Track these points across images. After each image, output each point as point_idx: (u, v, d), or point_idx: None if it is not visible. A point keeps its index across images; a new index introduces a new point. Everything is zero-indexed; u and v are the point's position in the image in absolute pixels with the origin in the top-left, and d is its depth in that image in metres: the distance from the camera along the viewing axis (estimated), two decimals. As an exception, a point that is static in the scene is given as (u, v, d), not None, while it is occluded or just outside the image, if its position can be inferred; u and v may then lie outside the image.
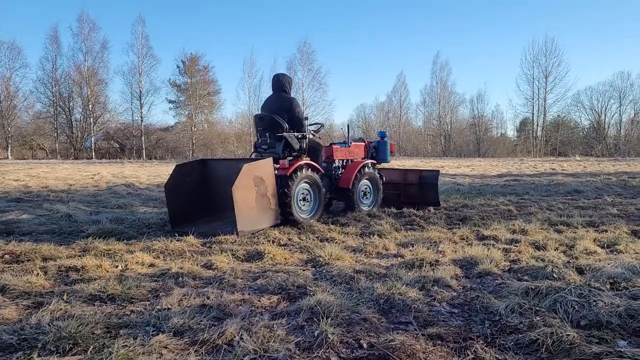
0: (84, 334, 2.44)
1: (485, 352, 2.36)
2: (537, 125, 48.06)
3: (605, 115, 48.66)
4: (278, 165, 6.07)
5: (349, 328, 2.62)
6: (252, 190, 5.45)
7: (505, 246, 4.81)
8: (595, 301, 2.86)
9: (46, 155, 41.00)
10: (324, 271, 3.91)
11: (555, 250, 4.61)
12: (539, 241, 4.98)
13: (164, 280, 3.57)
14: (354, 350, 2.39)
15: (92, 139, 41.69)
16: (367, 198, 7.49)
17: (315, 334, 2.51)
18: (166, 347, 2.37)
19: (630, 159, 34.54)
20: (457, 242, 5.08)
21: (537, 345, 2.39)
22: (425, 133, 53.03)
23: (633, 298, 2.99)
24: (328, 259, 4.23)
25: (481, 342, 2.49)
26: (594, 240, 5.03)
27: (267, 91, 56.44)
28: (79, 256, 4.29)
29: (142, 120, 42.72)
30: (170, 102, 46.65)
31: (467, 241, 5.18)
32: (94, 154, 40.55)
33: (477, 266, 3.96)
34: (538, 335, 2.44)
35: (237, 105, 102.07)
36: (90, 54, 41.81)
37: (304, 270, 3.98)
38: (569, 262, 4.08)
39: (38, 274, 3.63)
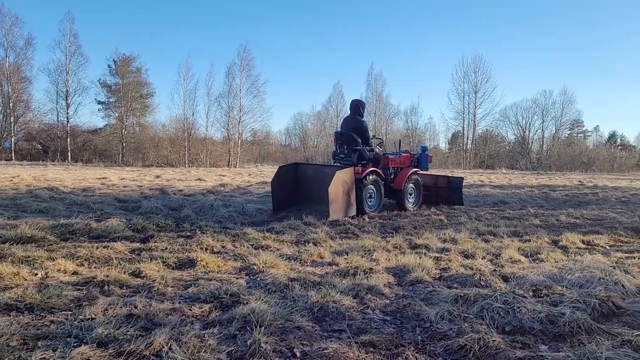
0: (-4, 346, 2.25)
1: (416, 358, 2.40)
2: (467, 138, 50.13)
3: (529, 131, 51.69)
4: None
5: (283, 337, 2.59)
6: (340, 189, 7.50)
7: (436, 255, 4.94)
8: (519, 308, 2.99)
9: (-41, 156, 38.11)
10: (258, 279, 3.85)
11: (482, 258, 4.79)
12: (467, 250, 5.16)
13: (88, 289, 3.37)
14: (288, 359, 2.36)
15: (12, 140, 39.13)
16: (412, 197, 9.34)
17: (248, 343, 2.45)
18: (89, 359, 2.23)
19: (551, 172, 36.76)
20: (390, 251, 5.17)
21: (465, 351, 2.46)
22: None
23: (553, 304, 3.14)
24: (262, 266, 4.17)
25: (412, 348, 2.54)
26: (518, 250, 5.28)
27: (202, 96, 59.66)
28: (-6, 263, 3.99)
29: (68, 121, 40.37)
30: (100, 103, 44.26)
31: (400, 250, 5.28)
32: (13, 155, 38.02)
33: (409, 274, 4.03)
34: (466, 341, 2.52)
35: (171, 109, 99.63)
36: (12, 50, 39.27)
37: (237, 278, 3.90)
38: (495, 270, 4.25)
39: (-55, 282, 3.33)
